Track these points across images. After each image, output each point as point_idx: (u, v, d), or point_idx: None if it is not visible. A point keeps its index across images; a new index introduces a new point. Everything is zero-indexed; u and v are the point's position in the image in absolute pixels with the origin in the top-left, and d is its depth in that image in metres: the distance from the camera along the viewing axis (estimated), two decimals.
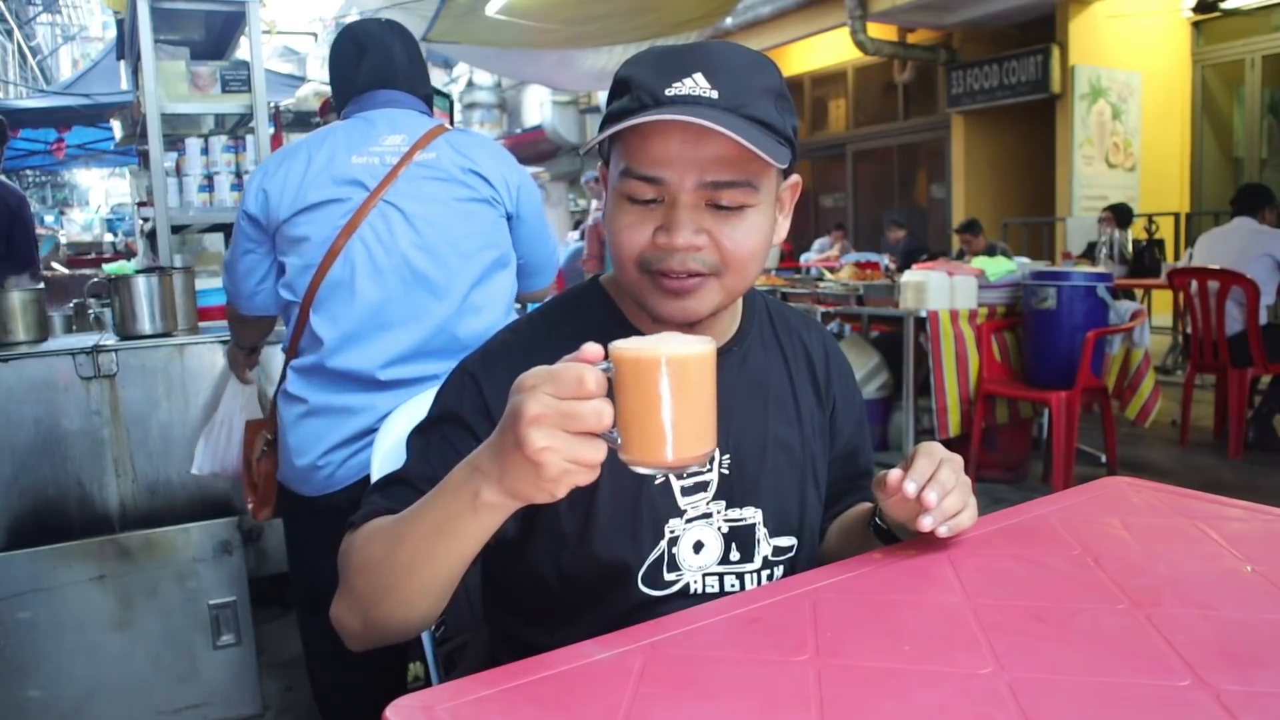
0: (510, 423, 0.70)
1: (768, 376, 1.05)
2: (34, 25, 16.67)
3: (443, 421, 0.96)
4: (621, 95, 0.89)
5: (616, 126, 0.85)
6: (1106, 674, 0.69)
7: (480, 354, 1.00)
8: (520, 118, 16.35)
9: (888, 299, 4.25)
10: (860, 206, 11.55)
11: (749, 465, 1.01)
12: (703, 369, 0.71)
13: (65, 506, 2.17)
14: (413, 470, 0.93)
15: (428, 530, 0.79)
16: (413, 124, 1.68)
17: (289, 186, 1.62)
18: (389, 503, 0.91)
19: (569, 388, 0.68)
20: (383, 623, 0.86)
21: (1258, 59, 8.65)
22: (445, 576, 0.82)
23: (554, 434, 0.68)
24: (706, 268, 0.89)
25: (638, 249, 0.90)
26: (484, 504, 0.74)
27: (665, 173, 0.86)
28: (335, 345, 1.62)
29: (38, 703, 2.07)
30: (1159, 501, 1.09)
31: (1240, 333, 4.34)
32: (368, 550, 0.86)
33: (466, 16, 6.29)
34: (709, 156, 0.85)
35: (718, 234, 0.88)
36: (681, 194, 0.87)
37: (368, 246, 1.60)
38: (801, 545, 1.05)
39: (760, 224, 0.91)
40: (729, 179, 0.86)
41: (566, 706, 0.68)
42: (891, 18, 9.04)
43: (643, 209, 0.89)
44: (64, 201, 21.63)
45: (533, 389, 0.69)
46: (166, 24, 3.02)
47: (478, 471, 0.74)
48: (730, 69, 0.88)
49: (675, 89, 0.86)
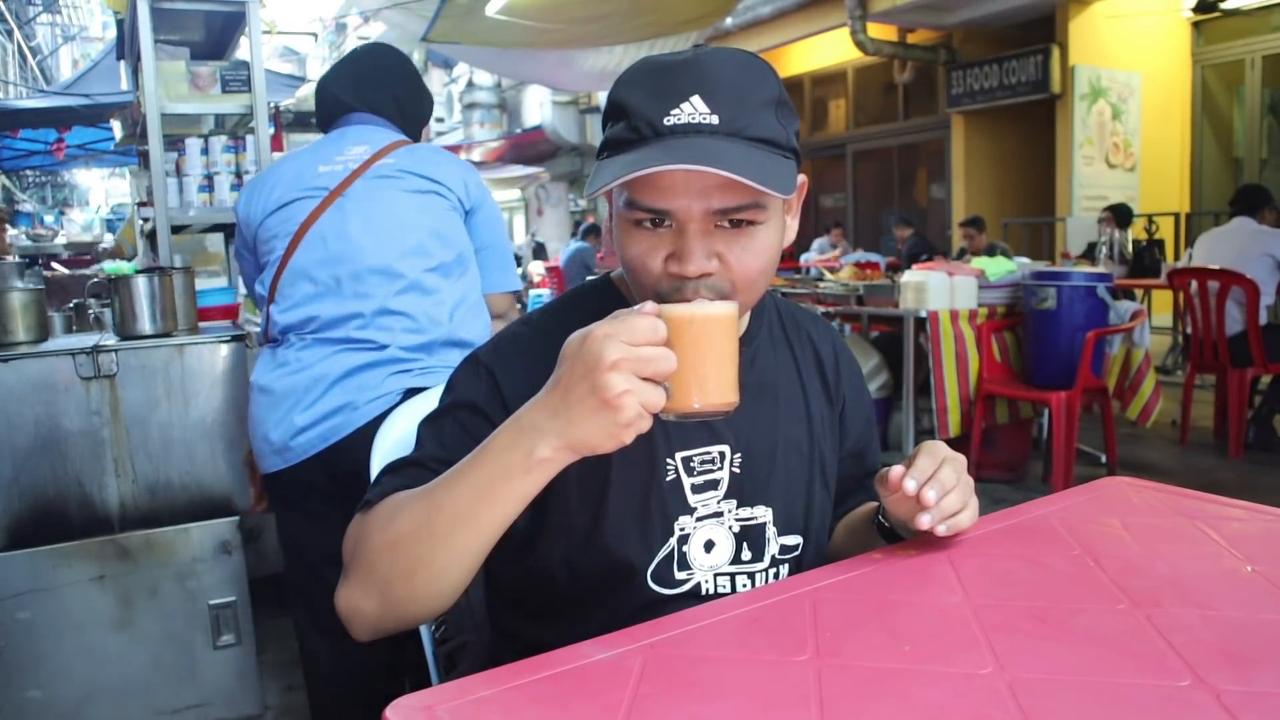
0: (586, 370, 0.73)
1: (778, 375, 1.05)
2: (34, 25, 16.67)
3: (457, 408, 0.95)
4: (617, 120, 0.88)
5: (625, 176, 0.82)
6: (1106, 674, 0.69)
7: (493, 345, 1.00)
8: (520, 118, 16.35)
9: (888, 299, 4.25)
10: (860, 206, 11.55)
11: (760, 464, 1.01)
12: (726, 327, 0.80)
13: (65, 507, 2.17)
14: (427, 454, 0.92)
15: (470, 494, 0.79)
16: (379, 137, 1.80)
17: (263, 191, 1.79)
18: (404, 482, 0.89)
19: (644, 334, 0.73)
20: (406, 602, 0.83)
21: (1258, 59, 8.65)
22: (483, 543, 0.81)
23: (631, 379, 0.72)
24: (716, 294, 0.87)
25: (652, 282, 0.89)
26: (538, 461, 0.76)
27: (672, 204, 0.85)
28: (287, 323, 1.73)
29: (38, 703, 2.06)
30: (1159, 501, 1.09)
31: (1240, 333, 4.34)
32: (394, 525, 0.83)
33: (466, 17, 6.28)
34: (715, 184, 0.84)
35: (728, 256, 0.87)
36: (690, 223, 0.86)
37: (324, 238, 1.71)
38: (807, 544, 1.05)
39: (770, 239, 0.90)
40: (736, 204, 0.85)
41: (566, 706, 0.68)
42: (891, 18, 9.04)
43: (651, 234, 0.88)
44: (64, 202, 21.64)
45: (608, 336, 0.72)
46: (166, 24, 3.01)
47: (532, 429, 0.76)
48: (728, 86, 0.86)
49: (674, 117, 0.84)
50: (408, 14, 7.70)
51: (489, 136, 16.15)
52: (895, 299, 4.15)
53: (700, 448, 0.98)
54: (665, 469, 0.97)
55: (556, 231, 15.86)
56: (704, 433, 0.99)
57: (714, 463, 0.99)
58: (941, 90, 9.66)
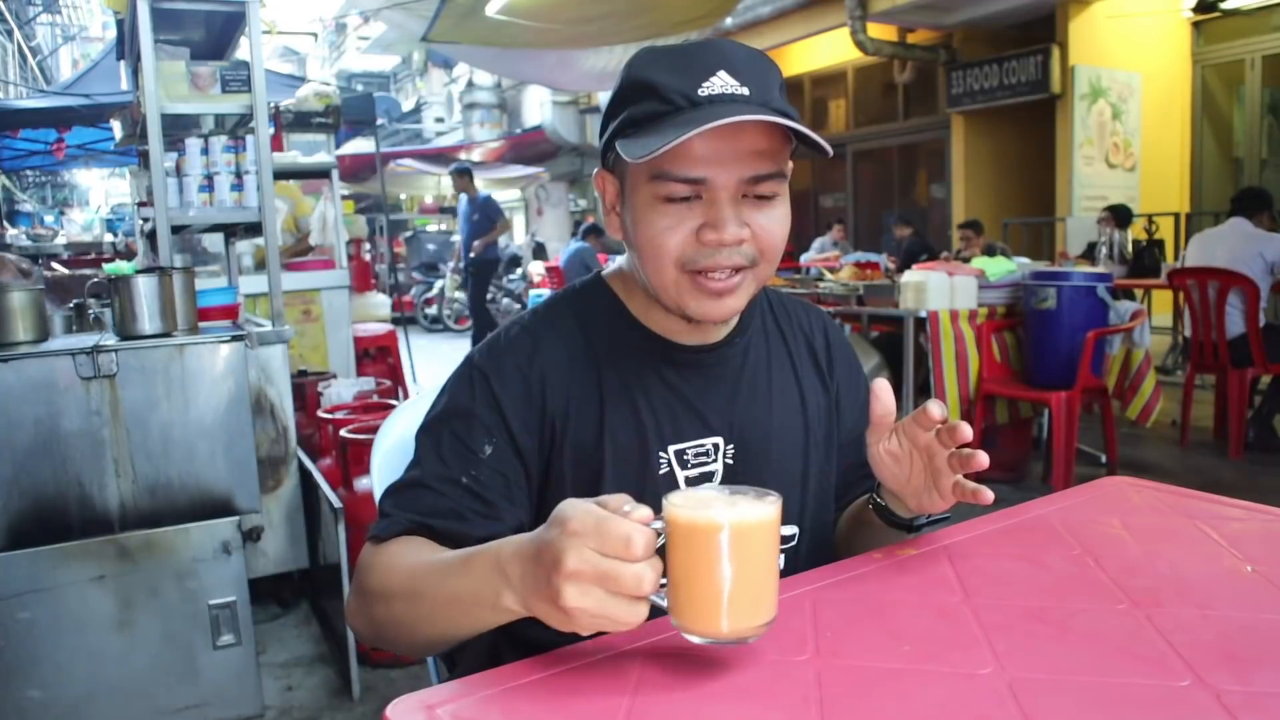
0: (546, 566, 0.66)
1: (771, 365, 1.06)
2: (34, 25, 16.66)
3: (453, 417, 0.95)
4: (645, 99, 0.89)
5: (690, 133, 0.81)
6: (1106, 674, 0.69)
7: (487, 349, 1.00)
8: (520, 118, 16.35)
9: (888, 299, 4.25)
10: (860, 207, 11.54)
11: (753, 456, 1.01)
12: (765, 536, 0.67)
13: (65, 507, 2.17)
14: (427, 471, 0.93)
15: (447, 600, 0.79)
16: None
17: None
18: (409, 512, 0.91)
19: (614, 546, 0.64)
20: (396, 646, 0.89)
21: (1258, 59, 8.64)
22: (461, 636, 0.82)
23: (589, 591, 0.64)
24: (747, 260, 0.91)
25: (678, 249, 0.90)
26: (504, 608, 0.73)
27: (708, 172, 0.87)
28: None
29: (38, 703, 2.06)
30: (1159, 501, 1.09)
31: (1241, 334, 4.34)
32: (389, 580, 0.86)
33: (467, 17, 6.28)
34: (748, 150, 0.87)
35: (756, 225, 0.90)
36: (724, 190, 0.88)
37: None
38: (803, 534, 1.05)
39: (786, 211, 0.93)
40: (767, 171, 0.88)
41: (566, 707, 0.68)
42: (891, 18, 9.03)
43: (681, 208, 0.89)
44: (64, 202, 21.62)
45: (575, 537, 0.65)
46: (166, 24, 3.01)
47: (504, 576, 0.72)
48: (748, 65, 0.89)
49: (707, 88, 0.87)
50: (408, 14, 7.70)
51: (489, 136, 16.15)
52: (895, 299, 4.15)
53: (693, 440, 0.99)
54: (658, 462, 0.97)
55: (556, 231, 15.85)
56: (697, 425, 0.99)
57: (708, 455, 1.00)
58: (941, 90, 9.65)
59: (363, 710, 2.36)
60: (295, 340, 3.64)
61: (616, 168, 0.95)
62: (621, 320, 1.01)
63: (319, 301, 4.35)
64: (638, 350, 1.00)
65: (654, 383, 0.99)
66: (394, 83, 22.52)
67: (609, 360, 0.98)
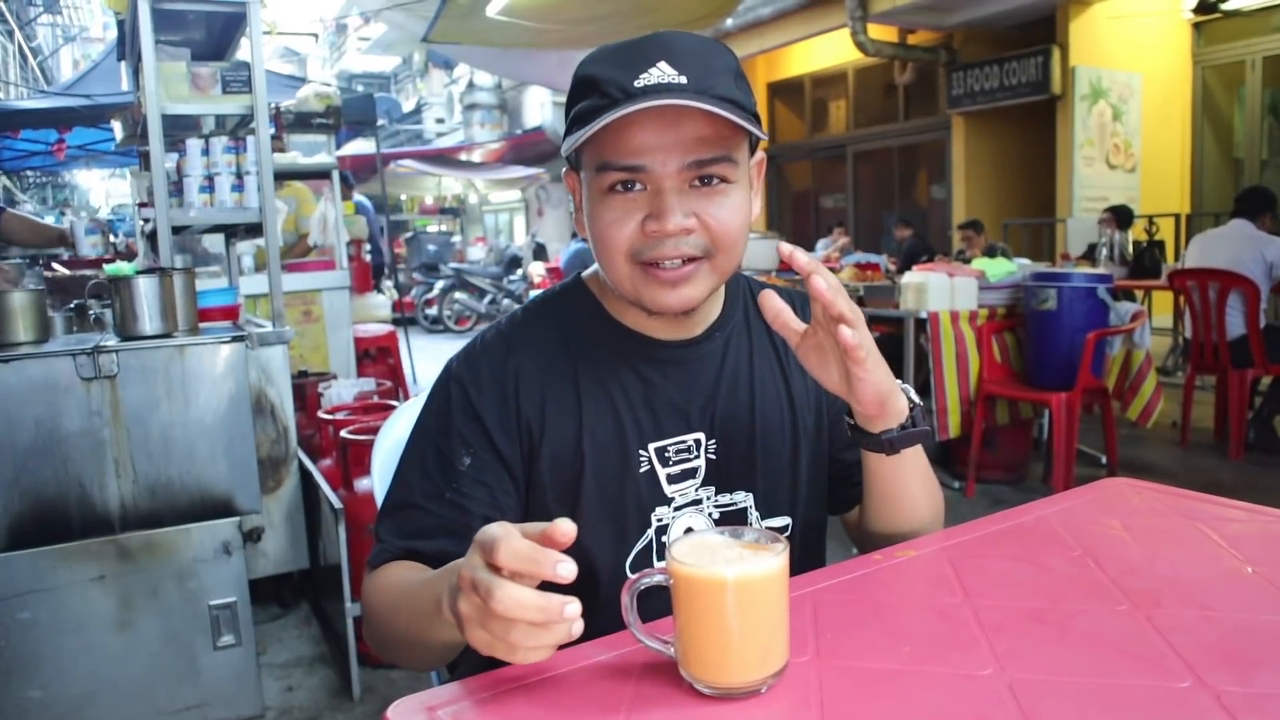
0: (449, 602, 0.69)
1: (754, 357, 1.05)
2: (35, 26, 16.68)
3: (435, 432, 0.97)
4: (588, 94, 0.89)
5: (599, 123, 0.84)
6: (1106, 675, 0.69)
7: (465, 356, 1.00)
8: (520, 118, 16.35)
9: (888, 300, 4.25)
10: (860, 207, 11.54)
11: (737, 449, 1.01)
12: (772, 587, 0.66)
13: (65, 507, 2.17)
14: (416, 491, 0.95)
15: (420, 614, 0.80)
16: None
17: None
18: (401, 538, 0.93)
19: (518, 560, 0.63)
20: (401, 661, 0.92)
21: (1258, 60, 8.64)
22: (444, 647, 0.84)
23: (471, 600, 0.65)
24: (699, 251, 0.89)
25: (626, 241, 0.90)
26: (445, 619, 0.72)
27: (647, 160, 0.87)
28: None
29: (38, 703, 2.06)
30: (1159, 502, 1.09)
31: (1241, 335, 4.34)
32: (379, 603, 0.90)
33: (467, 17, 6.29)
34: (689, 137, 0.86)
35: (705, 214, 0.89)
36: (666, 179, 0.87)
37: None
38: (795, 523, 1.05)
39: (742, 200, 0.92)
40: (710, 156, 0.88)
41: (566, 707, 0.68)
42: (892, 19, 9.03)
43: (626, 199, 0.89)
44: (64, 202, 21.63)
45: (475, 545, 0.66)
46: (167, 24, 3.01)
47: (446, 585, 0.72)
48: (691, 54, 0.89)
49: (644, 79, 0.86)
50: (408, 14, 7.71)
51: (489, 137, 16.16)
52: (896, 300, 4.15)
53: (674, 437, 0.99)
54: (639, 461, 0.97)
55: (557, 232, 15.86)
56: (677, 422, 0.99)
57: (689, 451, 0.99)
58: (942, 91, 9.65)
59: (363, 711, 2.36)
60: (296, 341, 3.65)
61: (579, 167, 0.95)
62: (598, 319, 1.00)
63: (319, 302, 4.36)
64: (615, 348, 0.99)
65: (632, 380, 0.98)
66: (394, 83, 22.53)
67: (585, 360, 0.98)
